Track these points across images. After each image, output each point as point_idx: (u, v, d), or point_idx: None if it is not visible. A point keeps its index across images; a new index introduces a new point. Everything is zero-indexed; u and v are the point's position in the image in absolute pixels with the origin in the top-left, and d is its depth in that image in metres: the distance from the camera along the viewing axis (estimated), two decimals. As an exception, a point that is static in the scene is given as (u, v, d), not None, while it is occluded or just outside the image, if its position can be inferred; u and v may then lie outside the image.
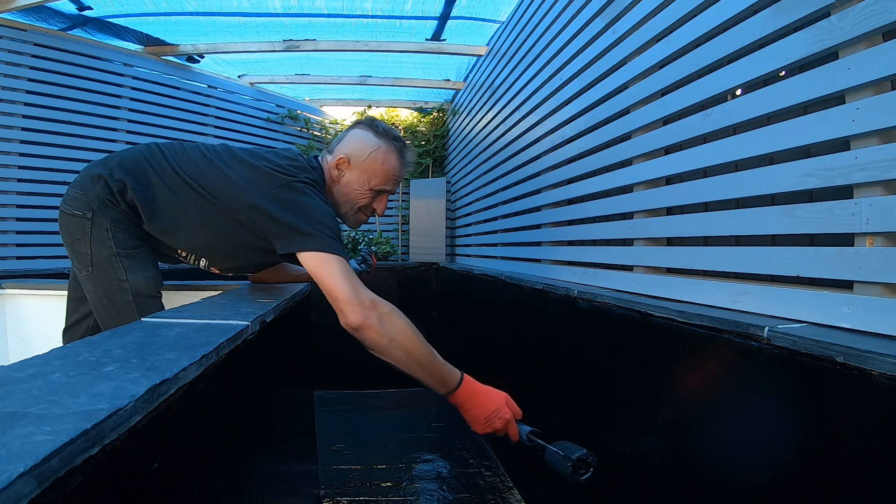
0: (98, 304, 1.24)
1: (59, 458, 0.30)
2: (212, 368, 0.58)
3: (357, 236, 4.41)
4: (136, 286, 1.21)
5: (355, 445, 2.63)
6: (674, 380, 1.08)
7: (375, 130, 1.28)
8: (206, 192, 1.21)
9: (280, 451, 1.15)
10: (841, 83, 0.86)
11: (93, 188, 1.20)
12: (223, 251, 1.29)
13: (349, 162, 1.26)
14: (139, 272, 1.21)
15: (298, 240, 1.10)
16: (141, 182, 1.22)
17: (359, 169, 1.25)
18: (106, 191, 1.20)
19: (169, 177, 1.24)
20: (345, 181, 1.27)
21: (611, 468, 1.34)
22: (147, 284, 1.22)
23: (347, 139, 1.30)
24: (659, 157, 1.41)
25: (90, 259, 1.21)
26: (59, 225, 1.25)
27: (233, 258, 1.31)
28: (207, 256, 1.32)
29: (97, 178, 1.21)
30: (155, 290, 1.25)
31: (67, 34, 3.13)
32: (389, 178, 1.27)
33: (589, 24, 1.81)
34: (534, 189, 2.35)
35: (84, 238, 1.20)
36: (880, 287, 0.81)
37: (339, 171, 1.27)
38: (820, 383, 0.73)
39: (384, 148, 1.25)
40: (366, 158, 1.25)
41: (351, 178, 1.26)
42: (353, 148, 1.27)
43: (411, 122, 5.00)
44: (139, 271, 1.22)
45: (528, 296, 1.98)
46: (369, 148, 1.25)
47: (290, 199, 1.14)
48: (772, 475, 0.81)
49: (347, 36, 3.54)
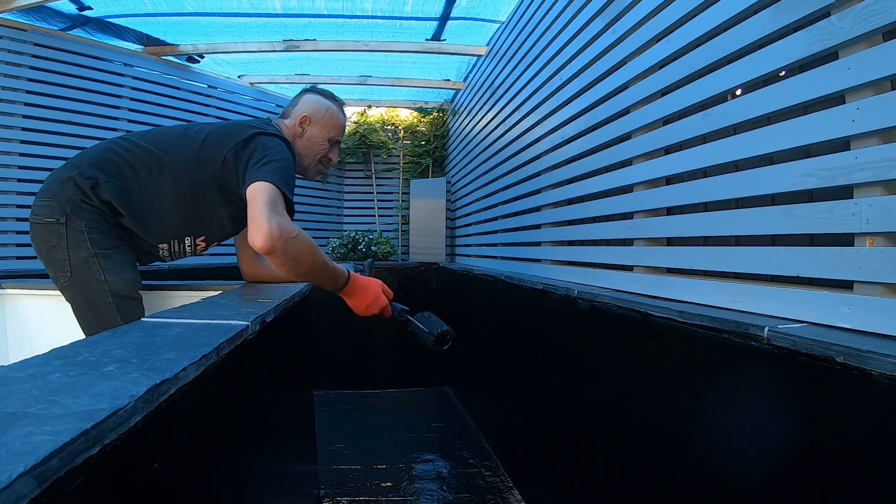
0: (78, 310, 1.24)
1: (59, 458, 0.30)
2: (212, 368, 0.58)
3: (357, 236, 4.41)
4: (115, 287, 1.21)
5: (355, 445, 2.63)
6: (674, 380, 1.08)
7: (324, 95, 1.51)
8: (179, 166, 1.27)
9: (280, 451, 1.15)
10: (841, 83, 0.86)
11: (63, 192, 1.20)
12: (200, 219, 1.34)
13: (310, 120, 1.45)
14: (117, 273, 1.22)
15: (250, 175, 1.19)
16: (113, 174, 1.24)
17: (318, 125, 1.45)
18: (77, 192, 1.20)
19: (143, 160, 1.26)
20: (307, 136, 1.45)
21: (611, 468, 1.34)
22: (125, 285, 1.22)
23: (303, 103, 1.49)
24: (659, 157, 1.41)
25: (68, 263, 1.20)
26: (30, 238, 1.25)
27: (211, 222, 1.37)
28: (187, 232, 1.35)
29: (66, 181, 1.21)
30: (134, 292, 1.25)
31: (67, 34, 3.13)
32: (341, 130, 1.50)
33: (589, 24, 1.81)
34: (534, 189, 2.35)
35: (60, 243, 1.20)
36: (880, 287, 0.81)
37: (302, 128, 1.45)
38: (820, 383, 0.73)
39: (335, 108, 1.49)
40: (323, 115, 1.46)
41: (313, 132, 1.45)
42: (311, 109, 1.47)
43: (411, 122, 5.00)
44: (117, 272, 1.22)
45: (528, 296, 1.98)
46: (325, 108, 1.47)
47: (256, 145, 1.27)
48: (772, 475, 0.81)
49: (347, 36, 3.54)
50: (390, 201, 5.04)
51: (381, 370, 3.81)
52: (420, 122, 4.99)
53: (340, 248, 4.41)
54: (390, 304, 1.42)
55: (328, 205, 4.90)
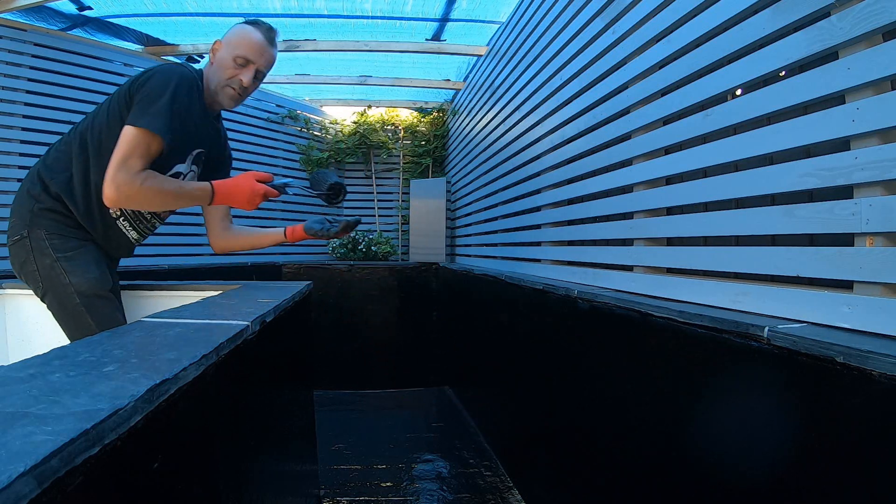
0: (58, 318, 1.25)
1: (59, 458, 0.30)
2: (212, 368, 0.58)
3: (357, 236, 4.41)
4: (80, 287, 1.22)
5: (355, 445, 2.63)
6: (674, 380, 1.08)
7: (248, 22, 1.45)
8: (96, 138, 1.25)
9: (280, 451, 1.15)
10: (841, 83, 0.86)
11: (22, 206, 1.24)
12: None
13: (221, 44, 1.41)
14: (80, 273, 1.22)
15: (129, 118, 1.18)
16: (59, 168, 1.25)
17: (226, 45, 1.39)
18: (31, 201, 1.23)
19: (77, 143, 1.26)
20: (216, 60, 1.40)
21: (611, 467, 1.34)
22: (91, 285, 1.23)
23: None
24: (659, 157, 1.41)
25: (38, 274, 1.22)
26: (9, 261, 1.28)
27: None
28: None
29: (24, 195, 1.25)
30: (101, 290, 1.25)
31: (67, 34, 3.13)
32: (251, 48, 1.39)
33: (589, 24, 1.81)
34: (534, 189, 2.35)
35: (28, 256, 1.23)
36: (880, 287, 0.81)
37: (213, 55, 1.40)
38: (820, 383, 0.73)
39: (248, 27, 1.41)
40: (232, 36, 1.40)
41: (221, 54, 1.39)
42: (225, 35, 1.43)
43: (411, 122, 5.00)
44: (80, 273, 1.22)
45: (528, 296, 1.98)
46: (237, 29, 1.41)
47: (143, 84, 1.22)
48: (772, 475, 0.81)
49: (347, 36, 3.54)
50: (390, 201, 5.05)
51: (381, 370, 3.81)
52: (420, 122, 4.99)
53: (340, 248, 4.41)
54: (274, 186, 1.38)
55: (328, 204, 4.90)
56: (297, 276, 3.83)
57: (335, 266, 3.84)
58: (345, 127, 4.99)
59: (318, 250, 4.73)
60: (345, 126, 4.99)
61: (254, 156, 4.21)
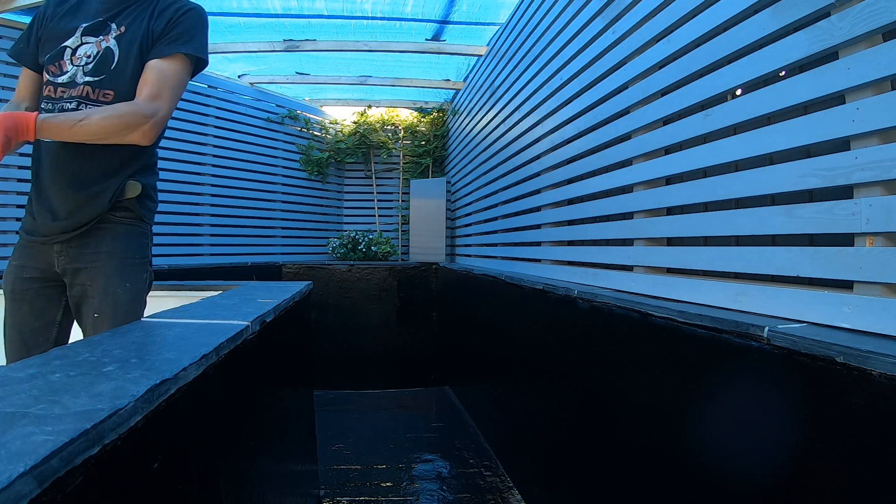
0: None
1: (59, 458, 0.30)
2: (212, 368, 0.58)
3: (357, 236, 4.41)
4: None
5: (355, 445, 2.63)
6: (674, 379, 1.08)
7: None
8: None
9: (280, 451, 1.15)
10: (841, 83, 0.86)
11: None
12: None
13: None
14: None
15: None
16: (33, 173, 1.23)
17: None
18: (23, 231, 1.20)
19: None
20: None
21: (611, 467, 1.34)
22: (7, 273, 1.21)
23: None
24: (659, 157, 1.41)
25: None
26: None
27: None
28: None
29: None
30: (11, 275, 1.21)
31: (67, 34, 3.13)
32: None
33: (589, 24, 1.81)
34: (534, 189, 2.35)
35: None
36: (880, 287, 0.81)
37: None
38: (820, 383, 0.73)
39: None
40: None
41: None
42: None
43: (411, 122, 5.00)
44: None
45: (528, 296, 1.98)
46: None
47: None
48: (772, 474, 0.81)
49: (347, 36, 3.54)
50: (390, 201, 5.05)
51: (382, 370, 3.81)
52: (420, 122, 4.99)
53: (340, 248, 4.41)
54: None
55: (328, 205, 4.90)
56: (297, 276, 3.83)
57: (335, 266, 3.84)
58: (345, 127, 4.99)
59: (318, 250, 4.73)
60: (345, 126, 4.99)
61: (254, 156, 4.21)
